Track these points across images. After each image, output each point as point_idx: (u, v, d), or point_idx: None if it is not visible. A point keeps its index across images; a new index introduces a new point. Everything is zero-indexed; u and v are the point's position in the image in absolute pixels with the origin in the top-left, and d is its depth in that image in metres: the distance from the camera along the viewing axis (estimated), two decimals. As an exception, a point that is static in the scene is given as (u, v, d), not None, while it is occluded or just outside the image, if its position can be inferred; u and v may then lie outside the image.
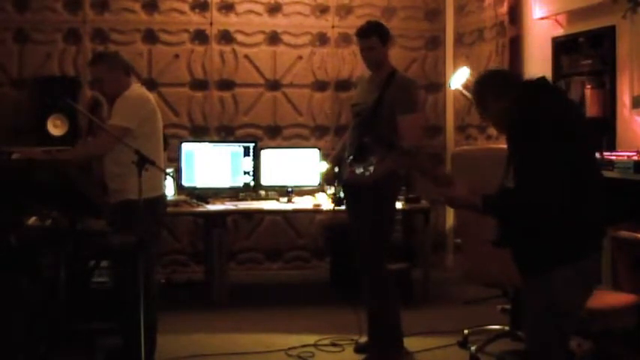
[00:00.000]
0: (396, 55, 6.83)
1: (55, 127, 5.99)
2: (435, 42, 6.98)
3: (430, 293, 5.86)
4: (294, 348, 4.69)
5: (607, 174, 4.07)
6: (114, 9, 6.49)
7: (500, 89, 3.00)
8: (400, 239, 6.08)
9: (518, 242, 2.85)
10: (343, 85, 6.76)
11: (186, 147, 6.08)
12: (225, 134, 6.62)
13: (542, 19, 5.44)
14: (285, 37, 6.72)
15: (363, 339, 4.57)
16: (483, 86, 3.09)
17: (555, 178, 2.68)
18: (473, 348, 4.51)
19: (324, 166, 4.70)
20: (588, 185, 2.79)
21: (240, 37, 6.66)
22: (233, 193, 6.05)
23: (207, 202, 5.79)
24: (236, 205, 5.86)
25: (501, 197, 2.82)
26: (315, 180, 6.05)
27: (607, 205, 2.92)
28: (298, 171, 6.11)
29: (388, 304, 4.42)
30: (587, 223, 2.81)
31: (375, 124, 4.24)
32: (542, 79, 2.99)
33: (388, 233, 4.48)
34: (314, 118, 6.76)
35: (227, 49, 6.64)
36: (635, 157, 4.03)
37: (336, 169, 4.54)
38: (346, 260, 5.43)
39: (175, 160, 6.00)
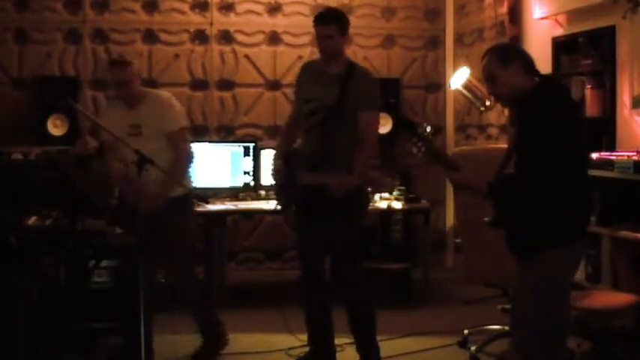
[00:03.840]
0: (396, 55, 6.85)
1: (55, 127, 5.99)
2: (435, 42, 6.98)
3: (430, 293, 5.86)
4: (294, 348, 4.68)
5: (607, 174, 4.08)
6: (114, 9, 6.49)
7: (527, 61, 3.05)
8: (400, 239, 6.08)
9: (516, 225, 3.01)
10: (343, 85, 6.76)
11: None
12: (225, 134, 6.62)
13: (542, 19, 5.44)
14: (285, 37, 6.72)
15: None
16: (510, 54, 3.07)
17: (558, 171, 2.86)
18: (473, 348, 4.52)
19: (274, 163, 4.32)
20: (583, 179, 3.03)
21: (240, 37, 6.66)
22: (233, 193, 6.05)
23: (207, 202, 5.78)
24: (236, 205, 5.86)
25: (505, 184, 2.98)
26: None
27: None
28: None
29: (371, 307, 4.32)
30: (578, 212, 3.02)
31: (340, 124, 4.04)
32: (554, 77, 3.11)
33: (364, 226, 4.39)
34: (314, 118, 6.76)
35: (227, 49, 6.65)
36: (635, 157, 4.03)
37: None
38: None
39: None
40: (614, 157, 4.15)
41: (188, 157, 4.44)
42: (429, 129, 3.07)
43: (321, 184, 4.01)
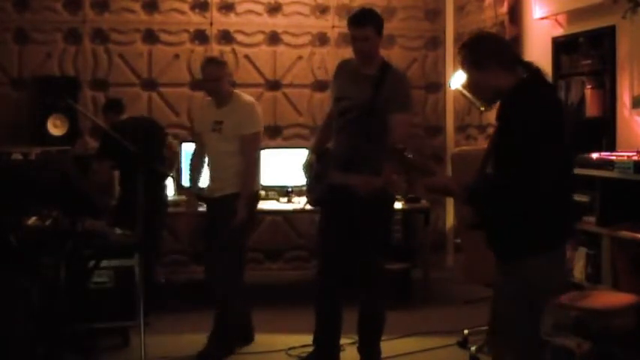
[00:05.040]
0: (396, 55, 6.83)
1: (55, 127, 6.00)
2: (435, 42, 6.98)
3: (430, 293, 5.86)
4: (294, 348, 4.69)
5: (607, 174, 4.08)
6: (114, 9, 6.50)
7: (507, 61, 2.91)
8: (400, 239, 6.08)
9: (499, 230, 2.91)
10: (343, 85, 6.76)
11: (187, 147, 6.06)
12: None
13: (542, 19, 5.43)
14: (285, 37, 6.72)
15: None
16: (484, 56, 2.91)
17: (538, 172, 2.75)
18: (473, 348, 4.51)
19: (307, 156, 4.38)
20: (567, 182, 2.94)
21: (240, 37, 6.67)
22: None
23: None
24: (236, 205, 5.85)
25: (485, 188, 2.87)
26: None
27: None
28: (298, 171, 6.09)
29: (384, 307, 4.34)
30: (563, 216, 2.94)
31: (371, 125, 4.01)
32: (540, 72, 2.94)
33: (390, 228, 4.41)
34: (314, 118, 6.75)
35: (227, 49, 6.65)
36: (635, 157, 4.02)
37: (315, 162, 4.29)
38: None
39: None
40: (614, 157, 4.14)
41: (254, 160, 4.69)
42: None
43: (348, 183, 4.02)
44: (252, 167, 4.66)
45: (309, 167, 4.32)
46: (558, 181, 2.85)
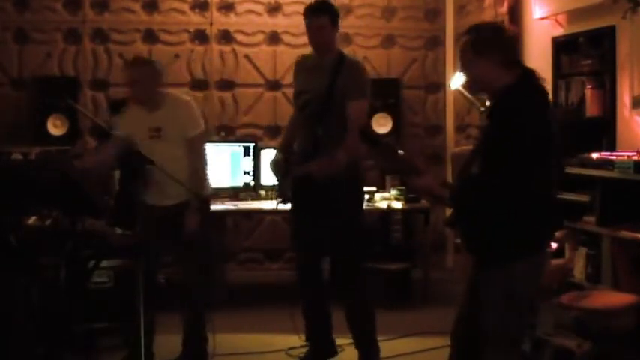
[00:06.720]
0: (396, 55, 6.85)
1: (55, 127, 6.00)
2: (435, 42, 6.98)
3: (430, 293, 5.86)
4: (294, 348, 4.69)
5: (607, 174, 4.08)
6: (114, 9, 6.50)
7: (508, 56, 2.89)
8: (400, 239, 6.08)
9: (480, 231, 2.89)
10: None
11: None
12: (225, 134, 6.62)
13: (542, 19, 5.43)
14: (285, 37, 6.72)
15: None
16: (487, 46, 2.86)
17: (521, 176, 2.75)
18: (473, 348, 4.51)
19: (274, 155, 4.35)
20: (552, 185, 2.93)
21: (240, 37, 6.67)
22: (233, 193, 6.05)
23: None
24: (236, 205, 5.86)
25: (471, 186, 2.85)
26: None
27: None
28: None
29: (368, 307, 4.32)
30: (546, 219, 2.92)
31: (329, 114, 4.02)
32: (535, 74, 2.92)
33: (364, 224, 4.33)
34: (314, 118, 6.75)
35: (227, 49, 6.65)
36: (635, 157, 4.02)
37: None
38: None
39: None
40: (614, 157, 4.14)
41: (204, 162, 4.40)
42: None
43: (306, 173, 4.03)
44: (203, 170, 4.37)
45: (275, 166, 4.30)
46: (544, 184, 2.85)
